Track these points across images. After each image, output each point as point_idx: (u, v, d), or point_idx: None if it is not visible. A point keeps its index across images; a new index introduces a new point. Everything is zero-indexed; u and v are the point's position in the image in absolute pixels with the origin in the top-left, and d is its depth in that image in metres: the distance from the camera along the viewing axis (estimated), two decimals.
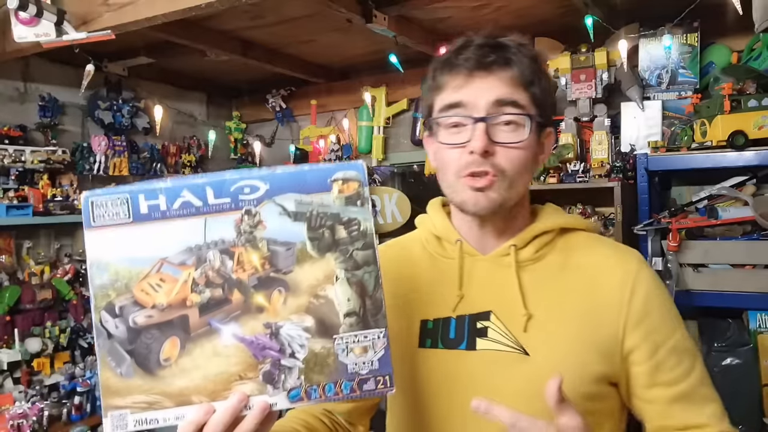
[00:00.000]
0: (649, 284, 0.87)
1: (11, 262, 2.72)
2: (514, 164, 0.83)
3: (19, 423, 2.36)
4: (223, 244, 0.68)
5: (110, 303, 0.67)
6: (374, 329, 0.70)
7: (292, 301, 0.69)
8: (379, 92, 3.25)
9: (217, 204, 0.68)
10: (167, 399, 0.67)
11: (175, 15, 1.91)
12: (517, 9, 2.38)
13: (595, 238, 0.94)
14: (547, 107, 0.88)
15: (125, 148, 3.16)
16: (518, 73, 0.83)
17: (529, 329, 0.84)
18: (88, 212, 0.67)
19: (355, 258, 0.70)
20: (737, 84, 2.02)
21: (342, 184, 0.70)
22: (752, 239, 1.96)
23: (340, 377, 0.69)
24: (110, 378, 0.66)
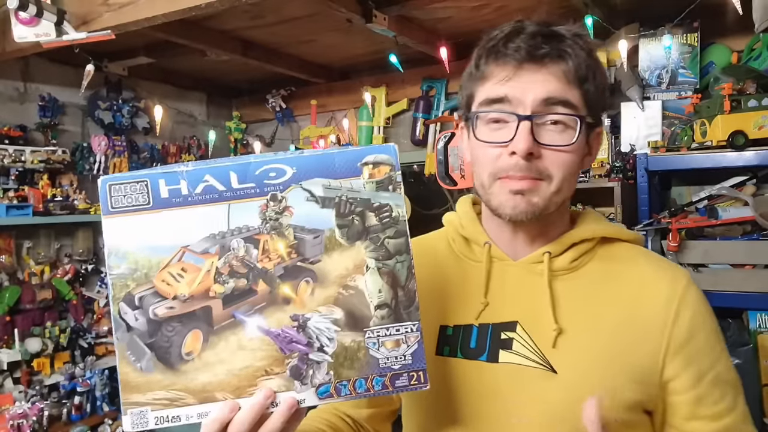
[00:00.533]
0: (697, 306, 0.79)
1: (11, 262, 2.72)
2: (561, 169, 0.75)
3: (19, 423, 2.36)
4: (248, 231, 0.65)
5: (129, 294, 0.63)
6: (407, 322, 0.66)
7: (320, 292, 0.65)
8: (379, 92, 3.25)
9: (242, 189, 0.65)
10: (190, 395, 0.63)
11: (175, 15, 1.91)
12: (517, 9, 2.38)
13: (639, 251, 0.85)
14: (600, 105, 0.80)
15: (125, 148, 3.16)
16: (573, 68, 0.75)
17: (559, 345, 0.76)
18: (106, 197, 0.64)
19: (386, 246, 0.67)
20: (737, 84, 2.02)
21: (372, 168, 0.66)
22: (752, 239, 1.96)
23: (371, 372, 0.65)
24: (129, 373, 0.63)
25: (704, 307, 0.80)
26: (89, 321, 2.98)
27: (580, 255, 0.82)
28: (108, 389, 2.76)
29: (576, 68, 0.75)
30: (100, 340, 2.95)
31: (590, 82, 0.77)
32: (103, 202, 0.64)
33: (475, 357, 0.79)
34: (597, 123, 0.82)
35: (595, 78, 0.77)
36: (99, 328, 2.97)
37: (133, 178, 0.64)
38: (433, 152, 2.79)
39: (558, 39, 0.76)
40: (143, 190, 0.64)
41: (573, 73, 0.75)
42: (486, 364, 0.78)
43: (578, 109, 0.76)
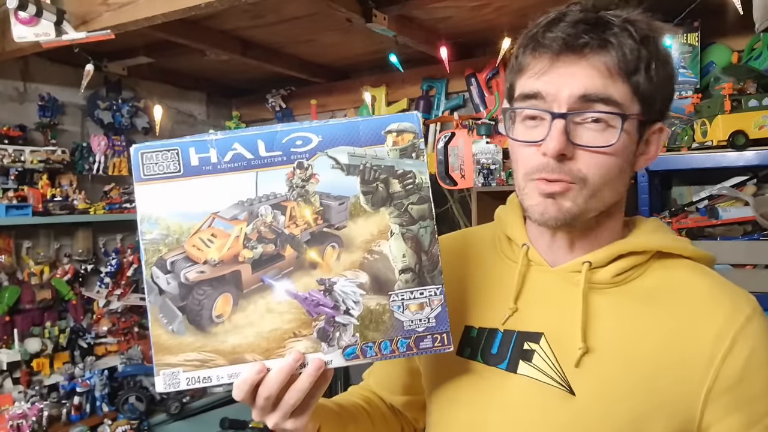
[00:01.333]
0: (759, 341, 0.68)
1: (11, 262, 2.71)
2: (598, 172, 0.68)
3: (18, 423, 2.35)
4: (275, 198, 0.67)
5: (161, 258, 0.65)
6: (430, 286, 0.68)
7: (346, 256, 0.68)
8: (379, 92, 3.24)
9: (269, 157, 0.66)
10: (220, 357, 0.66)
11: (175, 15, 1.90)
12: (517, 9, 2.38)
13: (702, 271, 0.74)
14: (658, 99, 0.71)
15: (125, 148, 3.16)
16: (617, 60, 0.67)
17: (583, 365, 0.69)
18: (138, 165, 0.65)
19: (410, 212, 0.68)
20: (738, 84, 2.02)
21: (396, 136, 0.68)
22: (753, 239, 1.96)
23: (396, 334, 0.68)
24: (162, 335, 0.65)
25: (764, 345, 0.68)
26: (89, 321, 2.97)
27: (628, 269, 0.73)
28: (107, 389, 2.75)
29: (622, 60, 0.67)
30: (99, 341, 2.94)
31: (641, 74, 0.68)
32: (135, 170, 0.65)
33: (494, 364, 0.75)
34: (654, 118, 0.72)
35: (650, 68, 0.68)
36: (98, 329, 2.96)
37: (164, 146, 0.66)
38: (433, 152, 2.79)
39: (603, 26, 0.68)
40: (174, 158, 0.65)
41: (618, 66, 0.67)
42: (504, 373, 0.74)
43: (622, 106, 0.68)
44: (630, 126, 0.69)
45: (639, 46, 0.68)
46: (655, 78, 0.69)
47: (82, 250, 3.00)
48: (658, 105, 0.72)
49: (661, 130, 0.75)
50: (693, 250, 0.75)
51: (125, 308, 3.09)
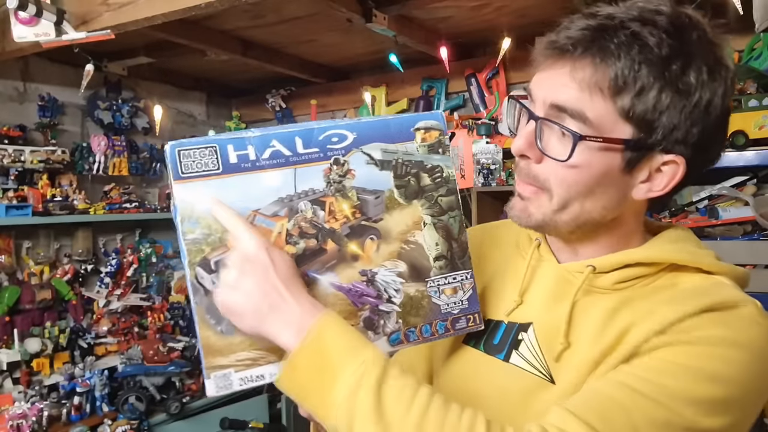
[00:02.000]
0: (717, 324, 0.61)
1: (11, 263, 2.71)
2: (562, 183, 0.67)
3: (18, 423, 2.35)
4: (314, 194, 0.68)
5: (205, 258, 0.64)
6: (462, 270, 0.73)
7: (385, 247, 0.70)
8: (379, 92, 3.24)
9: (306, 154, 0.67)
10: (271, 353, 0.65)
11: (175, 15, 1.90)
12: (517, 9, 2.38)
13: (714, 282, 0.68)
14: (662, 125, 0.64)
15: (125, 148, 3.16)
16: (600, 74, 0.63)
17: (563, 359, 0.70)
18: (176, 163, 0.63)
19: (440, 203, 0.72)
20: (738, 84, 2.02)
21: (424, 133, 0.71)
22: (752, 239, 1.96)
23: (434, 318, 0.72)
24: (210, 336, 0.64)
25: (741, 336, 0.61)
26: (89, 321, 2.97)
27: (633, 278, 0.70)
28: (107, 389, 2.75)
29: (607, 76, 0.62)
30: (99, 341, 2.94)
31: (633, 97, 0.63)
32: (173, 168, 0.63)
33: (494, 354, 0.77)
34: (663, 147, 0.65)
35: (648, 92, 0.62)
36: (98, 329, 2.96)
37: (202, 143, 0.64)
38: None
39: (603, 34, 0.63)
40: (213, 155, 0.64)
41: (599, 82, 0.63)
42: (500, 363, 0.76)
43: (593, 126, 0.64)
44: (604, 148, 0.65)
45: (638, 65, 0.62)
46: (655, 103, 0.63)
47: (82, 250, 3.00)
48: (661, 134, 0.65)
49: (673, 164, 0.67)
50: (712, 264, 0.69)
51: (125, 308, 3.09)
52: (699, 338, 0.60)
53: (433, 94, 3.13)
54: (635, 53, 0.62)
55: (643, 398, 0.58)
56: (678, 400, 0.58)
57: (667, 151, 0.66)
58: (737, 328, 0.62)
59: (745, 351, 0.61)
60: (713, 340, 0.60)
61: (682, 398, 0.58)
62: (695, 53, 0.64)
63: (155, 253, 3.30)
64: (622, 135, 0.65)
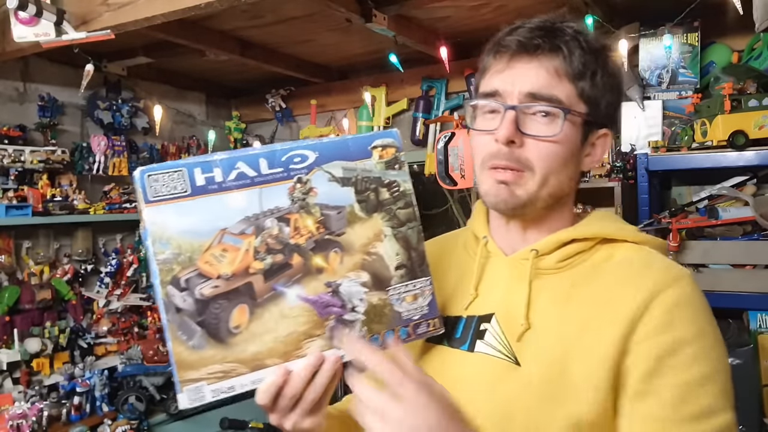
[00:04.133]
0: (683, 297, 0.72)
1: (10, 263, 2.71)
2: (545, 159, 0.76)
3: (18, 423, 2.35)
4: (279, 211, 0.71)
5: (175, 277, 0.67)
6: (421, 278, 0.77)
7: (348, 259, 0.74)
8: (378, 92, 3.24)
9: (271, 174, 0.71)
10: (242, 365, 0.68)
11: (175, 15, 1.90)
12: (516, 9, 2.38)
13: (644, 253, 0.79)
14: (602, 105, 0.79)
15: (124, 148, 3.16)
16: (565, 63, 0.76)
17: (524, 340, 0.76)
18: (145, 187, 0.66)
19: (398, 216, 0.77)
20: (738, 84, 2.02)
21: (381, 150, 0.75)
22: (752, 239, 1.96)
23: (396, 324, 0.76)
24: (183, 352, 0.66)
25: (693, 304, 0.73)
26: (88, 321, 2.97)
27: (572, 255, 0.80)
28: (107, 389, 2.75)
29: (569, 63, 0.76)
30: (99, 341, 2.94)
31: (587, 80, 0.77)
32: (142, 192, 0.66)
33: (458, 346, 0.83)
34: (601, 124, 0.81)
35: (594, 76, 0.77)
36: (98, 329, 2.96)
37: (170, 168, 0.67)
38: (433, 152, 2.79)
39: (557, 33, 0.77)
40: (181, 179, 0.67)
41: (564, 69, 0.76)
42: (465, 353, 0.81)
43: (566, 103, 0.76)
44: (574, 122, 0.77)
45: (586, 54, 0.76)
46: (600, 85, 0.78)
47: (82, 250, 3.00)
48: (603, 110, 0.80)
49: (606, 136, 0.82)
50: (636, 235, 0.81)
51: (125, 308, 3.09)
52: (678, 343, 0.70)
53: (432, 94, 3.13)
54: (584, 45, 0.77)
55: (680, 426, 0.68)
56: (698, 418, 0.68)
57: (601, 126, 0.81)
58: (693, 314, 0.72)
59: (708, 336, 0.73)
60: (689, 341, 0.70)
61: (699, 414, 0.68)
62: (609, 48, 0.81)
63: None
64: (581, 111, 0.78)
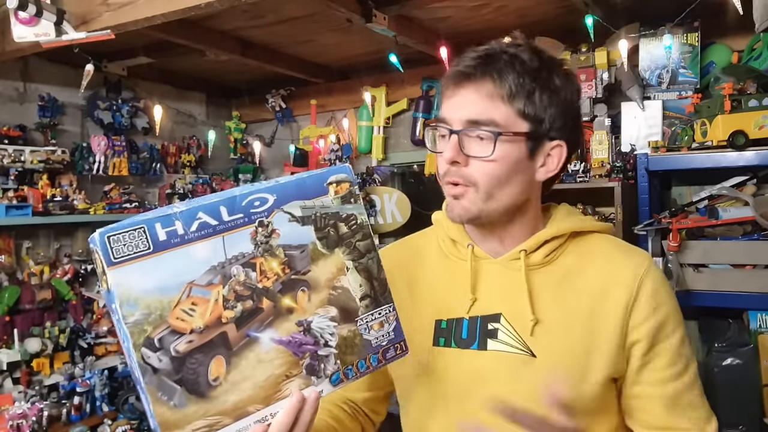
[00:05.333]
0: (656, 283, 0.88)
1: (11, 263, 2.71)
2: (484, 176, 0.85)
3: (18, 423, 2.36)
4: (244, 257, 0.71)
5: (148, 338, 0.65)
6: (385, 305, 0.79)
7: (315, 297, 0.75)
8: (379, 92, 3.25)
9: (232, 220, 0.70)
10: (225, 416, 0.68)
11: (175, 15, 1.90)
12: (517, 9, 2.38)
13: (608, 240, 0.95)
14: (546, 120, 0.86)
15: (125, 148, 3.16)
16: (497, 87, 0.83)
17: (536, 333, 0.86)
18: (107, 249, 0.65)
19: (358, 248, 0.78)
20: (738, 84, 2.02)
21: (336, 186, 0.77)
22: (752, 239, 1.96)
23: (367, 353, 0.77)
24: (165, 412, 0.65)
25: (663, 286, 0.89)
26: (89, 321, 2.97)
27: (553, 250, 0.91)
28: (107, 389, 2.76)
29: (505, 87, 0.83)
30: (99, 341, 2.94)
31: (522, 100, 0.83)
32: (104, 255, 0.65)
33: (467, 346, 0.90)
34: (552, 137, 0.87)
35: (532, 96, 0.84)
36: (98, 329, 2.96)
37: (130, 226, 0.66)
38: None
39: (491, 59, 0.84)
40: (142, 236, 0.66)
41: (498, 92, 0.83)
42: (476, 352, 0.89)
43: (503, 126, 0.83)
44: (512, 140, 0.84)
45: (522, 76, 0.83)
46: (538, 102, 0.84)
47: (82, 250, 3.01)
48: (548, 125, 0.86)
49: (560, 146, 0.89)
50: (598, 225, 0.95)
51: None
52: (665, 318, 0.87)
53: (433, 94, 3.13)
54: (518, 68, 0.83)
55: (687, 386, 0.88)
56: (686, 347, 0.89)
57: (552, 138, 0.87)
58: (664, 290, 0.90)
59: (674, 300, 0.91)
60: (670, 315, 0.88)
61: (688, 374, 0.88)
62: (552, 65, 0.87)
63: None
64: (523, 129, 0.85)
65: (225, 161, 3.83)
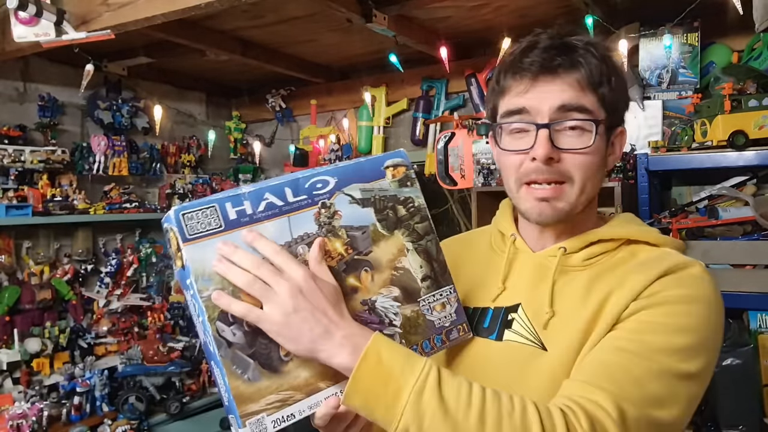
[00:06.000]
0: (687, 284, 0.77)
1: (11, 263, 2.71)
2: (582, 170, 0.81)
3: (18, 423, 2.35)
4: (309, 237, 0.73)
5: (223, 312, 0.67)
6: (446, 286, 0.81)
7: (378, 277, 0.77)
8: (379, 92, 3.24)
9: (297, 201, 0.73)
10: (297, 392, 0.70)
11: (175, 15, 1.90)
12: (517, 9, 2.38)
13: (663, 253, 0.84)
14: (619, 106, 0.85)
15: (125, 148, 3.16)
16: (586, 75, 0.81)
17: (549, 326, 0.83)
18: (182, 226, 0.67)
19: (417, 230, 0.80)
20: (737, 84, 2.02)
21: (393, 170, 0.79)
22: (752, 239, 1.96)
23: (431, 333, 0.79)
24: (240, 386, 0.67)
25: (691, 279, 0.77)
26: (89, 321, 2.97)
27: (597, 254, 0.85)
28: (107, 389, 2.75)
29: (589, 75, 0.81)
30: (99, 341, 2.94)
31: (605, 86, 0.82)
32: (179, 231, 0.67)
33: (487, 336, 0.87)
34: (618, 123, 0.87)
35: (611, 82, 0.82)
36: (98, 329, 2.97)
37: (203, 205, 0.68)
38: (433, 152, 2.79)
39: (571, 50, 0.82)
40: (214, 215, 0.69)
41: (587, 80, 0.81)
42: (493, 342, 0.86)
43: (594, 114, 0.81)
44: (601, 129, 0.82)
45: (601, 63, 0.82)
46: (616, 89, 0.83)
47: (82, 250, 3.01)
48: (620, 111, 0.86)
49: (623, 133, 0.89)
50: (658, 237, 0.87)
51: (125, 308, 3.09)
52: (665, 298, 0.76)
53: (433, 94, 3.13)
54: (597, 54, 0.82)
55: (635, 356, 0.72)
56: (660, 352, 0.72)
57: (618, 125, 0.87)
58: (690, 285, 0.78)
59: (701, 303, 0.77)
60: (676, 299, 0.76)
61: (662, 350, 0.72)
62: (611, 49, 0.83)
63: (155, 253, 3.30)
64: (603, 117, 0.83)
65: (225, 161, 3.83)
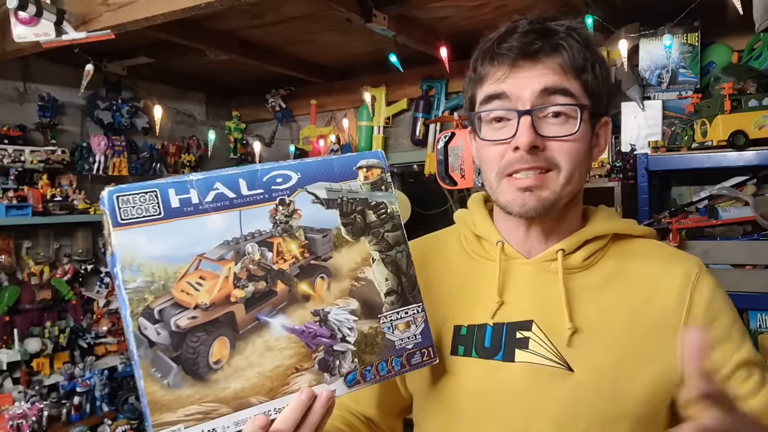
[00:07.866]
0: (711, 293, 0.78)
1: (10, 262, 2.71)
2: (568, 158, 0.75)
3: (18, 423, 2.36)
4: (261, 235, 0.66)
5: (148, 308, 0.60)
6: (413, 304, 0.73)
7: (335, 286, 0.69)
8: (378, 92, 3.24)
9: (251, 195, 0.66)
10: (224, 405, 0.62)
11: (175, 15, 1.90)
12: (516, 9, 2.37)
13: (652, 245, 0.85)
14: (603, 95, 0.79)
15: (124, 148, 3.16)
16: (569, 60, 0.75)
17: (574, 344, 0.75)
18: (115, 209, 0.60)
19: (386, 239, 0.72)
20: (738, 84, 2.02)
21: (366, 171, 0.72)
22: (752, 239, 1.96)
23: (390, 354, 0.70)
24: (157, 391, 0.59)
25: (719, 294, 0.79)
26: (88, 321, 2.97)
27: (593, 252, 0.81)
28: (107, 389, 2.76)
29: (572, 59, 0.76)
30: (99, 340, 2.94)
31: (589, 73, 0.77)
32: (111, 215, 0.60)
33: (490, 356, 0.78)
34: (602, 113, 0.81)
35: (594, 69, 0.78)
36: (98, 328, 2.97)
37: (141, 189, 0.62)
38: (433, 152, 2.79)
39: (551, 34, 0.76)
40: (153, 200, 0.62)
41: (569, 65, 0.76)
42: (502, 364, 0.77)
43: (578, 99, 0.76)
44: (586, 116, 0.77)
45: (583, 48, 0.77)
46: (599, 76, 0.78)
47: (82, 250, 3.01)
48: (603, 100, 0.80)
49: (607, 124, 0.84)
50: (641, 229, 0.86)
51: None
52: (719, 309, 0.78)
53: (432, 94, 3.13)
54: (579, 39, 0.77)
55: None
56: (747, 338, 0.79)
57: (602, 115, 0.82)
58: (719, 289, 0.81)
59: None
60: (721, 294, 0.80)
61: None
62: (593, 37, 0.79)
63: None
64: (588, 104, 0.77)
65: (225, 161, 3.82)
